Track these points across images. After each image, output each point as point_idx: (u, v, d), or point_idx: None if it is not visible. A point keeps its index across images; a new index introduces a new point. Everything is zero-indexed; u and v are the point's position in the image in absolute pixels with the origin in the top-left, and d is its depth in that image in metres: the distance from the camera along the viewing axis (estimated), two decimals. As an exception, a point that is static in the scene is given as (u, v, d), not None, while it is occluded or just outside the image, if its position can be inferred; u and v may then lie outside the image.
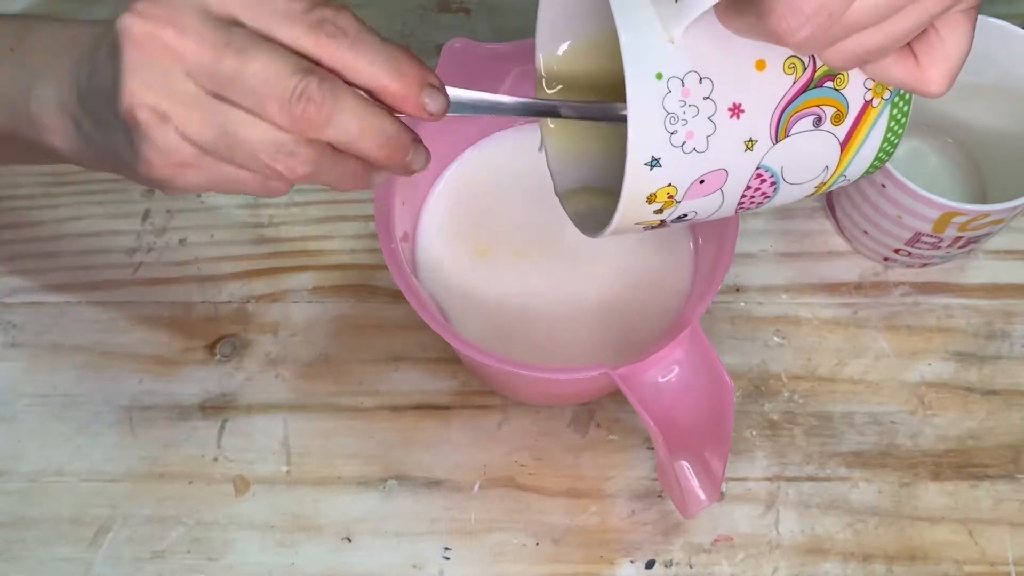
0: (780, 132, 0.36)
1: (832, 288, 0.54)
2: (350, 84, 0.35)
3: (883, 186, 0.48)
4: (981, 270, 0.55)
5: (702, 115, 0.35)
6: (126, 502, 0.50)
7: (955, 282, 0.55)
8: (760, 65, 0.35)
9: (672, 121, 0.35)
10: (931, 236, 0.49)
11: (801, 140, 0.37)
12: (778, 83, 0.36)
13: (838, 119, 0.37)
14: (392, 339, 0.53)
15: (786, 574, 0.49)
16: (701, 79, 0.35)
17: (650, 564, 0.49)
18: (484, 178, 0.52)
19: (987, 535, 0.50)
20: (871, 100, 0.37)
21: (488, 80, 0.50)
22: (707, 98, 0.35)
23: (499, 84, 0.50)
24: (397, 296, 0.53)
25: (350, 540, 0.50)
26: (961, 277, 0.55)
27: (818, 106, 0.36)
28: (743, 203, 0.39)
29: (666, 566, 0.49)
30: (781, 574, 0.49)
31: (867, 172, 0.40)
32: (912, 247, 0.51)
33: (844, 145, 0.37)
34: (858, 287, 0.54)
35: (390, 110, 0.36)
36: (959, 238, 0.50)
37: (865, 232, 0.52)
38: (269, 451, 0.51)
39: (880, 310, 0.54)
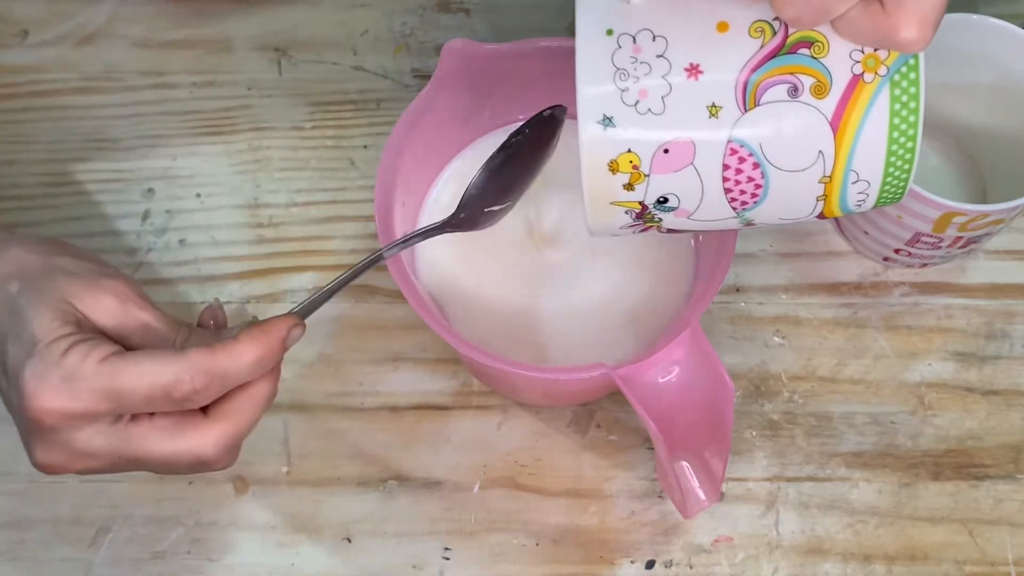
0: (749, 99, 0.35)
1: (832, 288, 0.54)
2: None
3: (883, 186, 0.48)
4: (981, 270, 0.55)
5: (655, 73, 0.34)
6: (126, 502, 0.50)
7: (955, 282, 0.55)
8: (722, 27, 0.34)
9: (622, 77, 0.35)
10: (931, 236, 0.49)
11: (777, 111, 0.35)
12: (743, 45, 0.34)
13: (819, 91, 0.35)
14: (392, 339, 0.53)
15: (786, 574, 0.49)
16: (655, 37, 0.35)
17: (650, 564, 0.49)
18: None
19: (987, 535, 0.50)
20: (862, 74, 0.34)
21: (487, 80, 0.50)
22: (661, 56, 0.34)
23: (496, 85, 0.50)
24: (397, 296, 0.53)
25: (350, 540, 0.50)
26: (961, 277, 0.55)
27: (792, 74, 0.34)
28: (732, 191, 0.36)
29: (666, 566, 0.49)
30: (781, 574, 0.49)
31: (891, 175, 0.36)
32: (912, 247, 0.51)
33: (836, 124, 0.35)
34: (858, 287, 0.54)
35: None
36: (959, 238, 0.50)
37: (865, 232, 0.52)
38: (269, 451, 0.51)
39: (880, 310, 0.54)
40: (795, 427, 0.52)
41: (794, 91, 0.35)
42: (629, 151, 0.36)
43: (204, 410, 0.39)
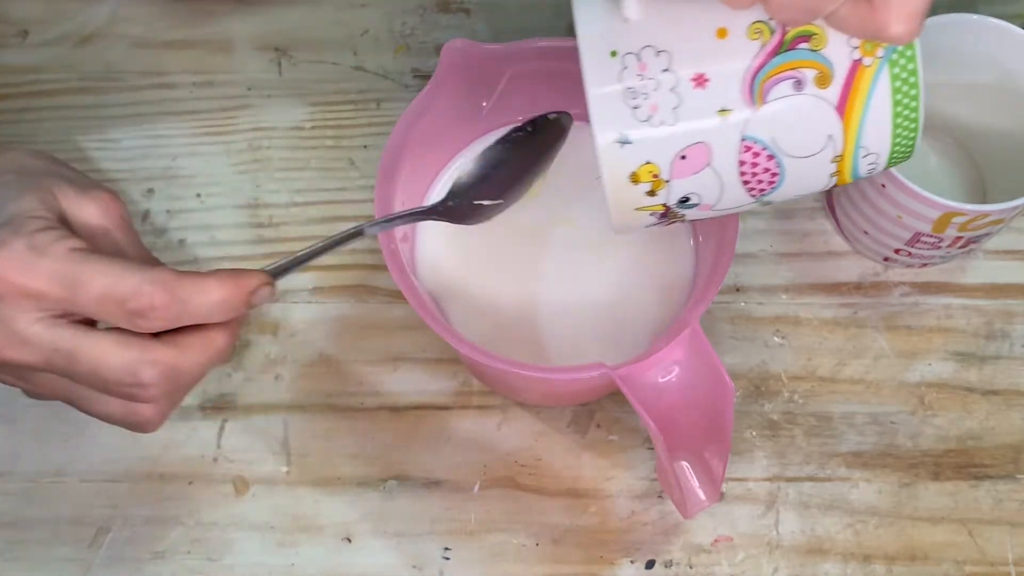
0: (756, 99, 0.36)
1: (832, 288, 0.54)
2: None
3: (883, 186, 0.48)
4: (981, 270, 0.55)
5: (663, 87, 0.36)
6: (126, 502, 0.50)
7: (955, 282, 0.55)
8: (721, 33, 0.35)
9: (632, 96, 0.36)
10: (931, 236, 0.49)
11: (785, 106, 0.36)
12: (743, 49, 0.36)
13: (822, 81, 0.36)
14: (392, 339, 0.53)
15: (786, 574, 0.49)
16: (658, 52, 0.35)
17: (650, 564, 0.49)
18: (484, 178, 0.52)
19: (987, 535, 0.50)
20: (861, 59, 0.36)
21: (487, 80, 0.50)
22: (666, 70, 0.36)
23: (496, 85, 0.50)
24: (397, 296, 0.53)
25: (350, 540, 0.50)
26: (961, 277, 0.55)
27: (794, 69, 0.36)
28: (750, 183, 0.38)
29: (666, 566, 0.49)
30: (781, 574, 0.49)
31: (898, 144, 0.37)
32: (912, 247, 0.51)
33: (842, 110, 0.36)
34: (858, 287, 0.54)
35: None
36: (959, 238, 0.50)
37: (865, 232, 0.52)
38: (269, 451, 0.51)
39: (880, 310, 0.54)
40: (795, 427, 0.52)
41: (798, 85, 0.36)
42: (648, 163, 0.37)
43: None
